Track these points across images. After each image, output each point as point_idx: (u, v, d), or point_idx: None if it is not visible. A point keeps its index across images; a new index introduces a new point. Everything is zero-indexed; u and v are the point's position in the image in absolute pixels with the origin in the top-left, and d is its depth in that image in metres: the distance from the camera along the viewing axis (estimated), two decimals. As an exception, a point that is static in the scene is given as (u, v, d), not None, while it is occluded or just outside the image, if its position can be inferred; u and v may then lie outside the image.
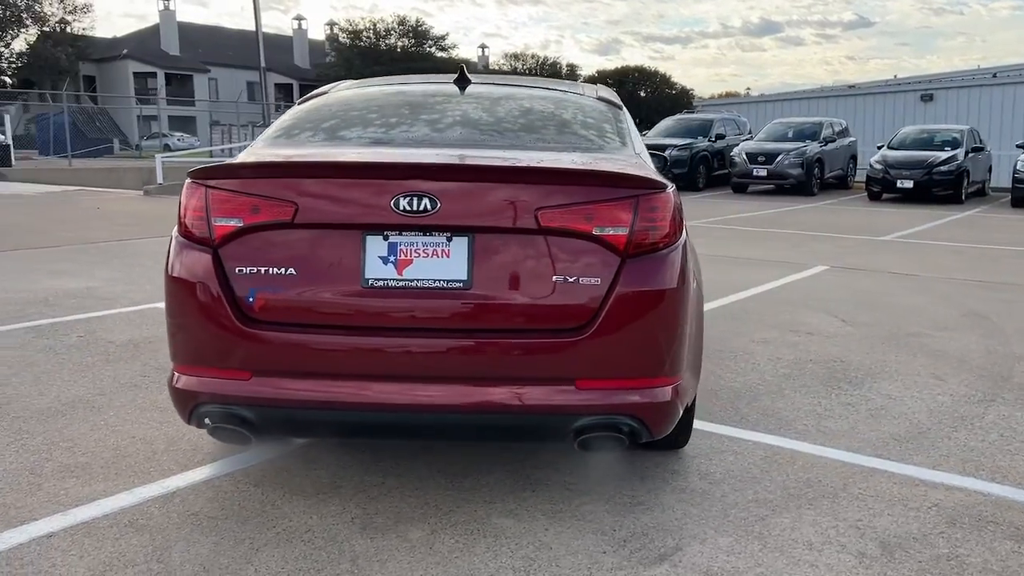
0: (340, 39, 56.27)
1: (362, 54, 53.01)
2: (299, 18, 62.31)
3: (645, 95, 70.69)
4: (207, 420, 2.52)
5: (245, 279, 2.46)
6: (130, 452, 3.27)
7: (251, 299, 2.46)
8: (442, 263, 2.43)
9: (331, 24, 58.98)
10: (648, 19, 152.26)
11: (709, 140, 20.12)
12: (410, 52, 54.11)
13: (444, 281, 2.43)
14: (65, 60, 46.96)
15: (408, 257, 2.44)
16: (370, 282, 2.43)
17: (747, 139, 20.64)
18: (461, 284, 2.43)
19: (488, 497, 2.91)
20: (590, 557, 2.52)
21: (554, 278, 2.44)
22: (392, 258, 2.43)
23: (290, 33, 62.08)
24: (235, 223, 2.46)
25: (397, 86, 3.57)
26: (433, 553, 2.53)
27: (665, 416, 2.57)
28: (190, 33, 54.73)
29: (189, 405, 2.52)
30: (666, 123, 22.08)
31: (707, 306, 6.10)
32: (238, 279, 2.46)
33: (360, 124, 3.08)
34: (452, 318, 2.43)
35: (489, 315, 2.43)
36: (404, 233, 2.44)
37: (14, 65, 49.02)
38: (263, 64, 35.91)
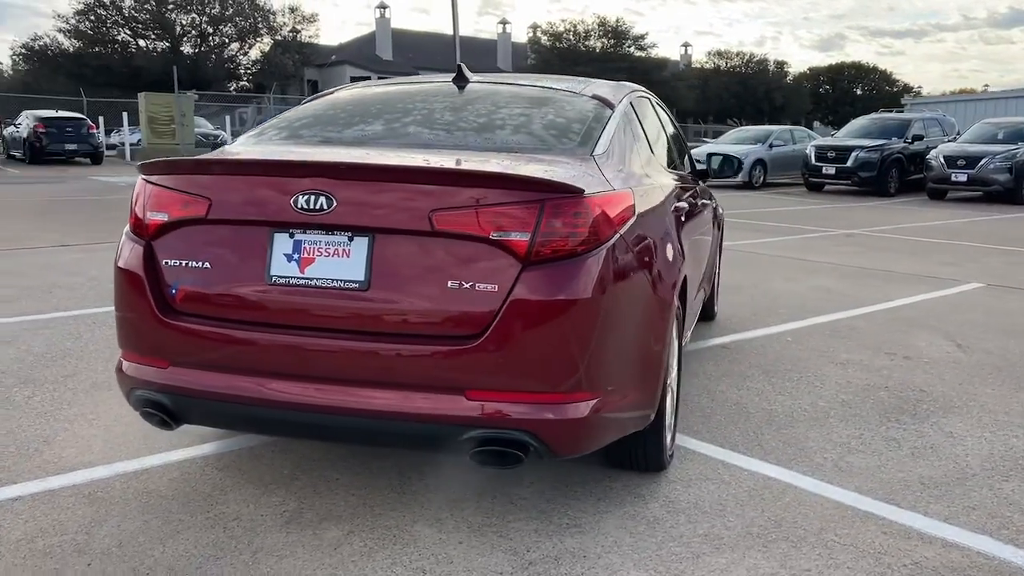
0: (542, 41, 57.17)
1: (561, 55, 53.59)
2: (503, 22, 64.07)
3: (861, 92, 66.45)
4: (137, 404, 2.65)
5: (170, 272, 2.56)
6: (139, 428, 3.45)
7: (174, 291, 2.55)
8: (342, 263, 2.41)
9: (534, 27, 60.08)
10: (877, 12, 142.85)
11: (905, 141, 18.59)
12: (608, 52, 54.04)
13: (342, 281, 2.41)
14: (291, 66, 51.06)
15: (311, 255, 2.44)
16: (274, 279, 2.45)
17: (950, 141, 18.83)
18: (357, 285, 2.40)
19: (426, 503, 2.86)
20: (486, 576, 2.40)
21: (449, 283, 2.34)
22: (296, 256, 2.44)
23: (495, 37, 63.90)
24: (163, 217, 2.57)
25: (394, 86, 3.58)
26: (335, 555, 2.52)
27: (570, 435, 2.41)
28: (403, 39, 57.70)
29: (126, 389, 2.66)
30: (859, 122, 20.63)
31: (810, 321, 5.68)
32: (165, 271, 2.57)
33: (323, 124, 3.11)
34: (347, 319, 2.40)
35: (383, 318, 2.38)
36: (308, 231, 2.44)
37: (249, 72, 53.87)
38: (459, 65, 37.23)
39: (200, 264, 2.53)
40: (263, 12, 52.38)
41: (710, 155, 5.16)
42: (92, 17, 49.24)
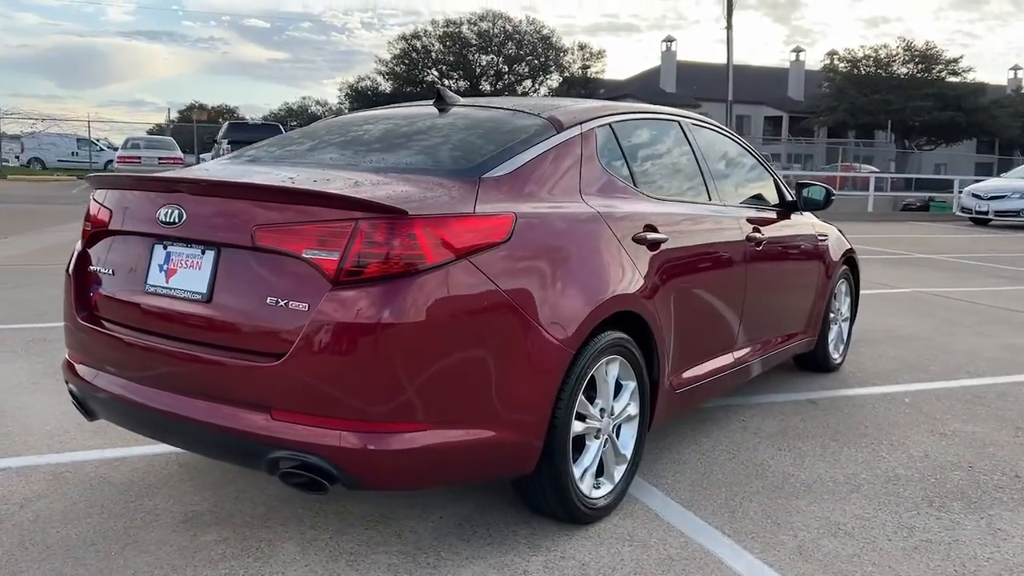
0: (840, 68, 53.93)
1: (858, 82, 50.14)
2: (797, 49, 61.05)
3: None
4: (70, 396, 2.93)
5: (92, 277, 2.82)
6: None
7: (92, 295, 2.81)
8: (195, 274, 2.51)
9: (831, 54, 56.80)
10: None
11: None
12: (916, 78, 49.60)
13: (191, 292, 2.51)
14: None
15: (175, 267, 2.57)
16: (148, 287, 2.61)
17: None
18: (201, 297, 2.48)
19: (311, 524, 2.85)
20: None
21: (268, 299, 2.35)
22: (165, 266, 2.59)
23: (787, 65, 61.39)
24: (88, 227, 2.84)
25: (378, 111, 3.63)
26: (191, 557, 2.60)
27: (376, 466, 2.29)
28: (688, 71, 57.40)
29: (65, 384, 2.96)
30: None
31: (957, 383, 4.88)
32: (89, 277, 2.83)
33: (279, 146, 3.23)
34: (191, 329, 2.49)
35: (214, 331, 2.44)
36: (176, 244, 2.57)
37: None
38: (730, 97, 36.36)
39: (107, 271, 2.76)
40: (555, 50, 54.85)
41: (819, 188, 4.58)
42: (406, 61, 54.63)
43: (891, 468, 3.54)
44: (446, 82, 55.06)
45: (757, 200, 4.38)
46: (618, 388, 3.01)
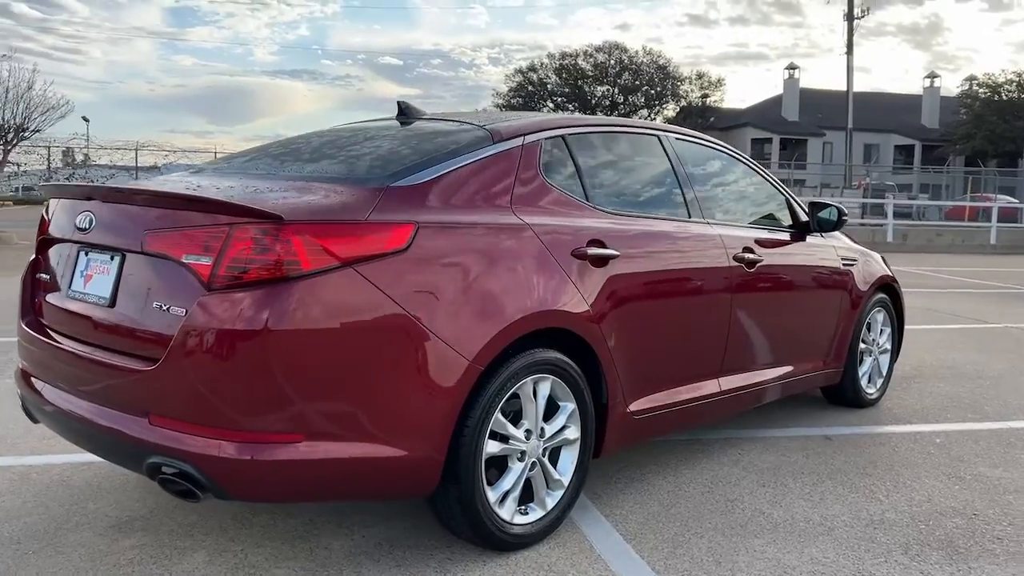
0: (979, 94, 51.01)
1: (1000, 108, 47.27)
2: (932, 75, 58.02)
3: None
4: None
5: (39, 284, 2.93)
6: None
7: (36, 301, 2.91)
8: (103, 280, 2.56)
9: (970, 79, 53.85)
10: None
11: None
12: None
13: (99, 297, 2.56)
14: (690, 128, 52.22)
15: (91, 272, 2.63)
16: (70, 293, 2.68)
17: None
18: (105, 302, 2.52)
19: (234, 535, 2.84)
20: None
21: (153, 303, 2.37)
22: (85, 272, 2.65)
23: (920, 92, 58.61)
24: (38, 236, 2.96)
25: (341, 125, 3.61)
26: (102, 560, 2.63)
27: (241, 476, 2.24)
28: (812, 99, 55.61)
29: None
30: None
31: (1006, 424, 4.40)
32: (37, 284, 2.94)
33: (227, 160, 3.27)
34: (95, 334, 2.54)
35: (113, 335, 2.48)
36: (94, 251, 2.63)
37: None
38: (849, 125, 35.03)
39: (47, 277, 2.85)
40: (671, 80, 54.38)
41: (812, 203, 4.29)
42: (523, 94, 55.42)
43: (880, 511, 3.22)
44: (566, 112, 55.49)
45: (763, 220, 4.13)
46: (554, 409, 2.87)
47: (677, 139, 3.74)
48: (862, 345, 4.67)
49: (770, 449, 3.95)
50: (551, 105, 55.85)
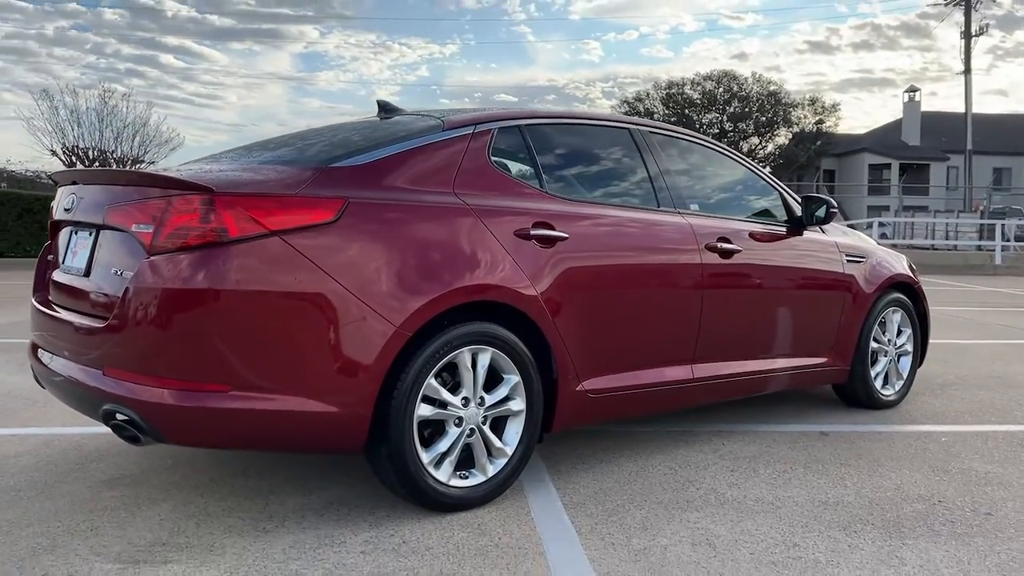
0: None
1: None
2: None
3: None
4: None
5: (48, 264, 3.31)
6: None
7: (45, 278, 3.30)
8: (83, 254, 2.91)
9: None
10: None
11: None
12: None
13: (77, 269, 2.90)
14: (803, 156, 50.90)
15: (76, 249, 2.98)
16: (63, 267, 3.04)
17: None
18: (81, 272, 2.86)
19: (204, 490, 3.11)
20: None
21: (112, 270, 2.68)
22: (73, 249, 3.01)
23: (1055, 112, 55.19)
24: (49, 221, 3.35)
25: (335, 121, 3.88)
26: (72, 503, 2.95)
27: (171, 421, 2.50)
28: (936, 122, 53.28)
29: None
30: None
31: (1017, 428, 4.25)
32: (47, 264, 3.33)
33: (240, 149, 3.53)
34: (74, 301, 2.88)
35: (85, 300, 2.80)
36: (80, 229, 2.99)
37: (763, 164, 54.99)
38: (968, 147, 33.40)
39: (50, 256, 3.23)
40: (783, 107, 53.29)
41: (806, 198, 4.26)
42: (629, 122, 55.41)
43: (839, 495, 3.20)
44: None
45: (750, 214, 4.16)
46: (497, 380, 3.02)
47: (651, 132, 3.84)
48: (874, 344, 4.58)
49: (758, 441, 3.95)
50: (658, 135, 55.63)
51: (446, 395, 2.87)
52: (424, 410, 2.81)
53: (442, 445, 2.88)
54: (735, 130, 54.01)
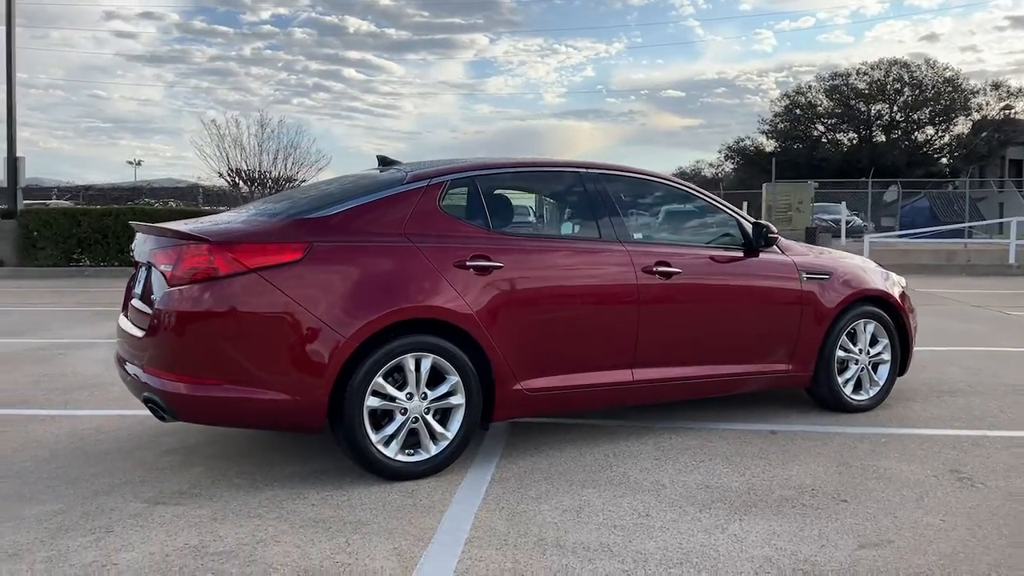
0: None
1: None
2: None
3: None
4: None
5: (129, 291, 4.47)
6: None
7: (128, 302, 4.46)
8: (141, 284, 4.01)
9: None
10: None
11: None
12: None
13: (138, 295, 4.01)
14: (983, 145, 47.65)
15: (139, 279, 4.08)
16: (134, 293, 4.16)
17: None
18: (139, 297, 3.96)
19: (203, 461, 4.15)
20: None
21: (152, 296, 3.75)
22: (139, 280, 4.11)
23: None
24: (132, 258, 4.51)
25: (345, 175, 4.83)
26: (115, 464, 4.07)
27: (180, 404, 3.53)
28: None
29: None
30: None
31: (975, 432, 4.76)
32: (129, 291, 4.49)
33: (260, 201, 4.60)
34: (136, 317, 3.97)
35: (138, 317, 3.89)
36: (142, 267, 4.09)
37: (940, 155, 51.84)
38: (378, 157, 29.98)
39: (132, 284, 4.39)
40: (962, 93, 50.07)
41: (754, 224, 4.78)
42: (790, 117, 53.92)
43: (727, 482, 3.80)
44: (832, 136, 53.27)
45: (703, 240, 4.78)
46: (440, 380, 3.86)
47: (599, 173, 4.54)
48: (842, 353, 5.03)
49: (704, 437, 4.56)
50: (821, 128, 53.77)
51: (392, 391, 3.75)
52: (373, 402, 3.71)
53: (390, 429, 3.77)
54: (907, 120, 51.34)
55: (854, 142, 52.63)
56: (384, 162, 4.60)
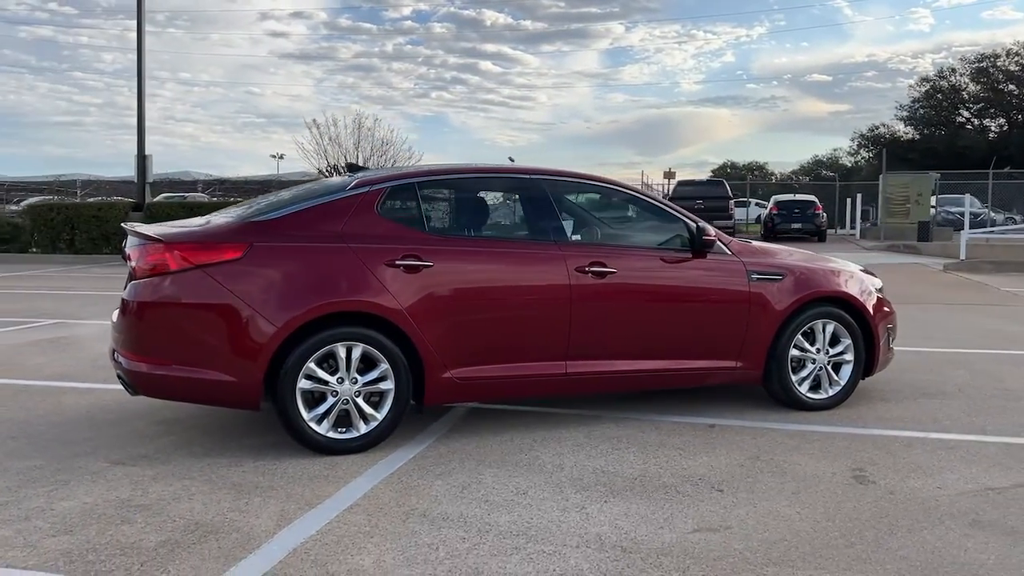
0: None
1: None
2: None
3: None
4: None
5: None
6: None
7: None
8: (127, 281, 4.66)
9: None
10: None
11: None
12: None
13: (124, 288, 4.66)
14: None
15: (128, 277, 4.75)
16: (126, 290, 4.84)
17: None
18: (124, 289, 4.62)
19: (181, 433, 4.77)
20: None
21: (127, 286, 4.39)
22: (127, 277, 4.78)
23: None
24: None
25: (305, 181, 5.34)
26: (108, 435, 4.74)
27: (140, 381, 4.14)
28: None
29: None
30: None
31: (919, 435, 4.87)
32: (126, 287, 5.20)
33: (234, 205, 5.16)
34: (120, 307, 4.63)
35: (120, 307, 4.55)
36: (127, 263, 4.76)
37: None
38: (349, 164, 26.73)
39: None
40: None
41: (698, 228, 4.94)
42: (931, 103, 51.09)
43: (622, 469, 4.07)
44: (976, 123, 50.08)
45: (655, 244, 5.01)
46: (372, 366, 4.32)
47: (541, 179, 4.85)
48: (796, 352, 5.14)
49: (639, 428, 4.81)
50: (966, 113, 50.65)
51: (323, 375, 4.23)
52: (305, 384, 4.20)
53: (321, 409, 4.25)
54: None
55: (1003, 128, 49.30)
56: (352, 168, 5.09)
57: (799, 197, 27.83)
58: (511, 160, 4.36)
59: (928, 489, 3.80)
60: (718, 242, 5.04)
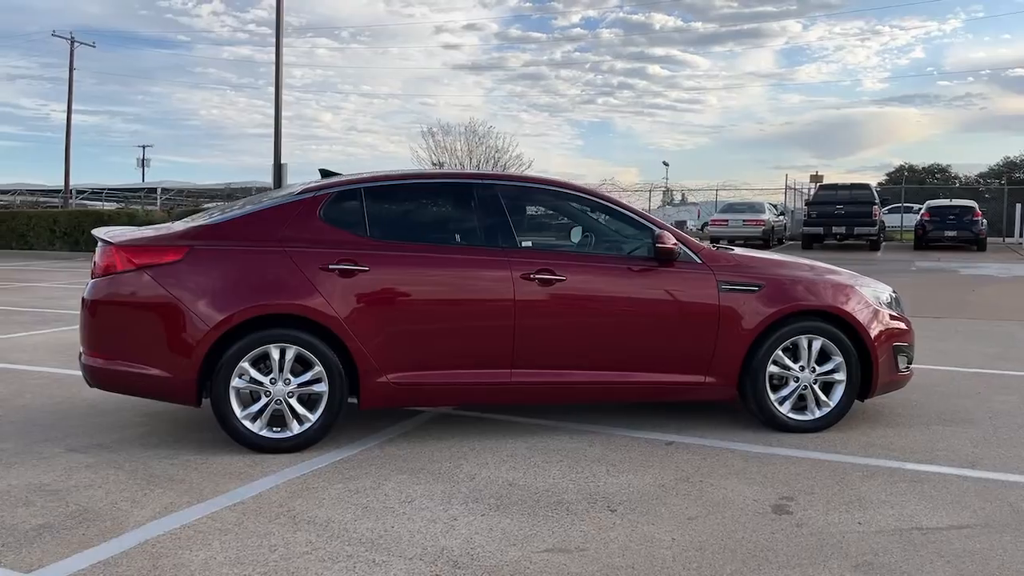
0: None
1: None
2: None
3: None
4: None
5: None
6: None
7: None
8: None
9: None
10: None
11: None
12: None
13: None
14: None
15: (117, 274, 5.10)
16: None
17: None
18: (106, 288, 4.96)
19: (148, 428, 5.03)
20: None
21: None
22: (119, 274, 5.14)
23: None
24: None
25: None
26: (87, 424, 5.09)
27: (95, 375, 4.43)
28: None
29: None
30: None
31: (880, 463, 4.56)
32: None
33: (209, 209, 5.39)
34: None
35: None
36: (120, 262, 5.11)
37: None
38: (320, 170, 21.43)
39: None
40: None
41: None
42: None
43: (535, 483, 3.93)
44: None
45: (620, 253, 4.82)
46: (308, 367, 4.41)
47: (494, 184, 4.77)
48: (775, 369, 4.77)
49: (590, 442, 4.62)
50: None
51: (255, 374, 4.36)
52: (238, 382, 4.35)
53: (255, 408, 4.39)
54: None
55: None
56: (325, 174, 5.20)
57: (956, 202, 25.60)
58: (665, 164, 4.32)
59: (845, 524, 3.44)
60: (686, 250, 4.77)
